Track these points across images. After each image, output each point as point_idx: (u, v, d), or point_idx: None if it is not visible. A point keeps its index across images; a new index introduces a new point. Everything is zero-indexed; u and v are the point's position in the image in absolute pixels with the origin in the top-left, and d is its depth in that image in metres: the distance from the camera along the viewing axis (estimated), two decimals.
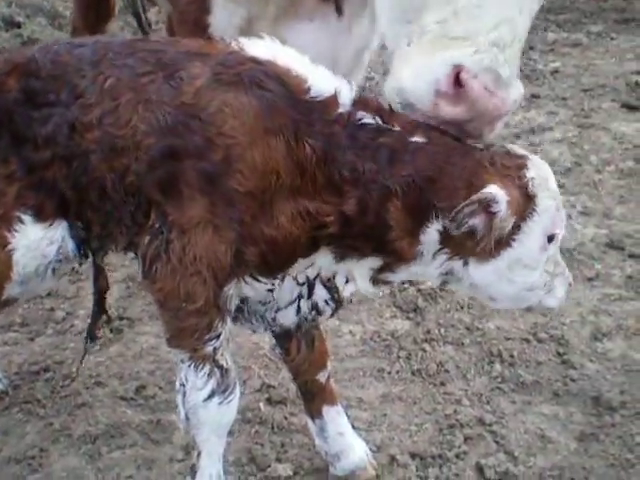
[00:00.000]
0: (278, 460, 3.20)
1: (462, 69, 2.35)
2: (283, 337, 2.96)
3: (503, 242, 2.42)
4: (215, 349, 2.61)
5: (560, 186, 5.20)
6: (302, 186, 2.45)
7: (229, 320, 2.65)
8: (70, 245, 2.71)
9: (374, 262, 2.57)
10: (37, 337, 4.10)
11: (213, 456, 2.74)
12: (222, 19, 3.43)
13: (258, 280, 2.60)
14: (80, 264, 2.95)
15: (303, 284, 2.67)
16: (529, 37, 8.90)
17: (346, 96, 2.48)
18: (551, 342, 3.86)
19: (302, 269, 2.62)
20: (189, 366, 2.62)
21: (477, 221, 2.35)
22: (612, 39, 8.32)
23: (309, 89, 2.46)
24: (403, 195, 2.42)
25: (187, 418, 2.68)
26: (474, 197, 2.33)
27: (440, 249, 2.48)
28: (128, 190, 2.54)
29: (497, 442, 3.28)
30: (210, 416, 2.65)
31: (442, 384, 3.62)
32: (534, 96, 6.95)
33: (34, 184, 2.61)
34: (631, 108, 6.55)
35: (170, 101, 2.47)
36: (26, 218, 2.62)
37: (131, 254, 2.76)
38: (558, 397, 3.53)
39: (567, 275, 2.62)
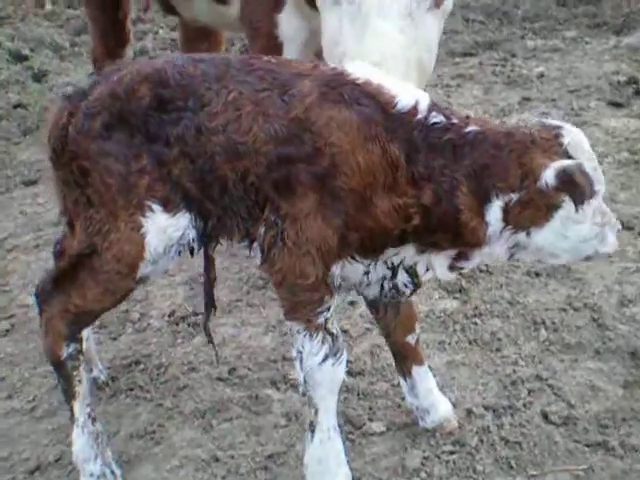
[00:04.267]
0: (370, 420, 3.67)
1: None
2: (372, 302, 3.46)
3: (554, 205, 2.90)
4: (326, 320, 3.09)
5: None
6: (393, 184, 2.94)
7: (336, 295, 3.14)
8: (192, 233, 3.17)
9: (451, 251, 3.07)
10: (119, 336, 4.52)
11: (329, 412, 3.19)
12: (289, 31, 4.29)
13: (357, 261, 3.09)
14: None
15: (389, 268, 3.17)
16: (510, 45, 9.57)
17: (423, 103, 3.00)
18: (585, 309, 4.36)
19: (390, 256, 3.11)
20: (304, 335, 3.08)
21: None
22: (587, 43, 8.98)
23: (397, 103, 2.97)
24: (467, 182, 2.93)
25: (305, 381, 3.13)
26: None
27: (504, 226, 2.97)
28: (248, 188, 3.02)
29: (555, 393, 3.76)
30: (325, 376, 3.11)
31: (497, 350, 4.10)
32: (525, 99, 7.53)
33: (162, 178, 3.06)
34: (617, 105, 7.15)
35: (284, 115, 2.96)
36: (155, 207, 3.07)
37: (244, 243, 3.21)
38: (600, 354, 4.02)
39: (614, 222, 3.00)
